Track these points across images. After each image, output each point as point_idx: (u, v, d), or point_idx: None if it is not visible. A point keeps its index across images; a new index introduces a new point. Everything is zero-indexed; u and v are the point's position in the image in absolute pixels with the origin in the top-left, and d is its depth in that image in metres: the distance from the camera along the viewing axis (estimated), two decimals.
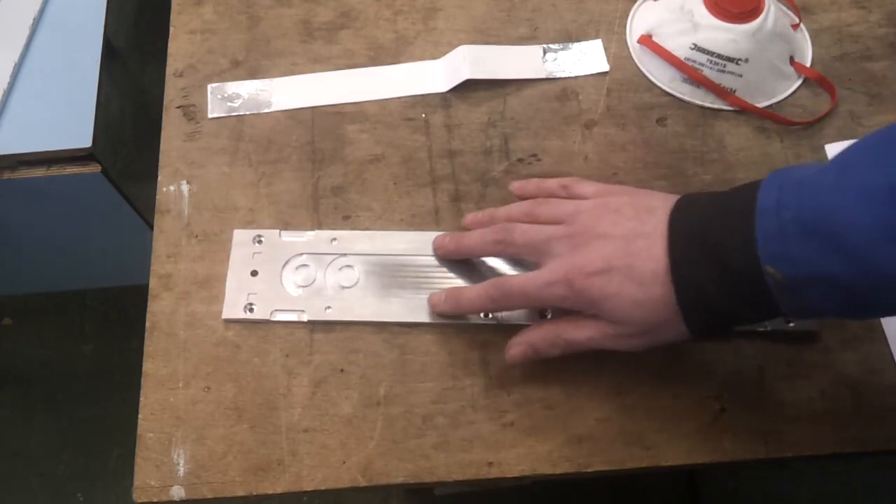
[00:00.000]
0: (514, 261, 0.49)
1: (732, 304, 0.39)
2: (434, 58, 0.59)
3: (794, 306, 0.37)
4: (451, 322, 0.48)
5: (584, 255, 0.42)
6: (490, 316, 0.48)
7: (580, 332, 0.43)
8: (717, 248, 0.38)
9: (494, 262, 0.50)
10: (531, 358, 0.45)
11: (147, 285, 0.50)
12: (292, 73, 0.58)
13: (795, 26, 0.58)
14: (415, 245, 0.51)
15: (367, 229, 0.52)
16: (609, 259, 0.41)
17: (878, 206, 0.33)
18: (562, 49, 0.59)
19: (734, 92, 0.56)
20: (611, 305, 0.41)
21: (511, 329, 0.48)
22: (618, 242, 0.41)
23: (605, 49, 0.59)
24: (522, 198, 0.50)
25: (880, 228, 0.33)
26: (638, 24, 0.60)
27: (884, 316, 0.47)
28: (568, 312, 0.44)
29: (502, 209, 0.49)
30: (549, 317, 0.48)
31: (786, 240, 0.36)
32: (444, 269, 0.50)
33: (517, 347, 0.45)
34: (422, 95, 0.57)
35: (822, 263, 0.35)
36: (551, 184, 0.49)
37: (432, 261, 0.50)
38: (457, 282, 0.49)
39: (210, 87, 0.57)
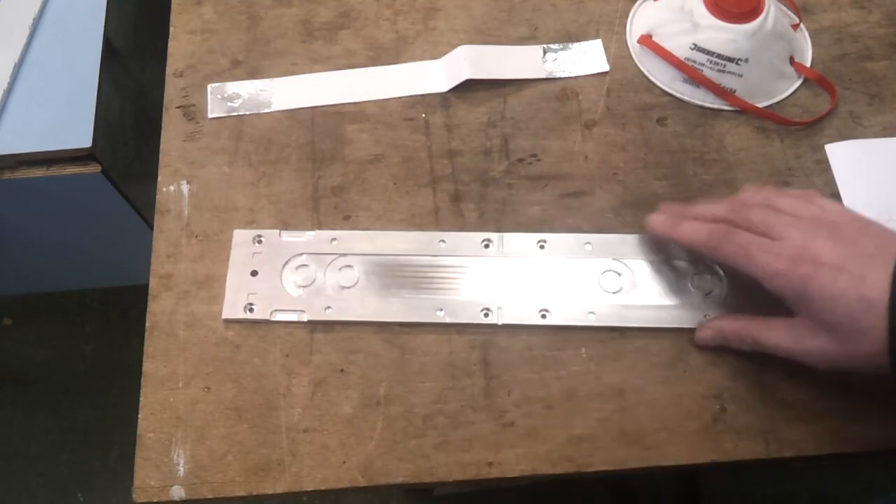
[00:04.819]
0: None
1: None
2: (434, 58, 0.59)
3: None
4: (450, 322, 0.48)
5: (821, 246, 0.41)
6: (489, 316, 0.48)
7: (771, 336, 0.43)
8: None
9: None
10: (719, 345, 0.47)
11: (147, 285, 0.50)
12: (292, 73, 0.58)
13: (795, 26, 0.58)
14: (415, 245, 0.51)
15: (367, 229, 0.52)
16: (845, 260, 0.40)
17: None
18: (562, 49, 0.59)
19: (734, 92, 0.56)
20: (825, 302, 0.40)
21: (511, 329, 0.48)
22: (854, 251, 0.41)
23: (605, 49, 0.59)
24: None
25: None
26: (638, 24, 0.60)
27: None
28: (753, 306, 0.45)
29: (740, 201, 0.46)
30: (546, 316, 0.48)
31: None
32: (444, 270, 0.50)
33: (708, 331, 0.47)
34: (422, 95, 0.57)
35: None
36: (792, 193, 0.47)
37: (432, 261, 0.50)
38: (458, 283, 0.49)
39: (210, 87, 0.57)
